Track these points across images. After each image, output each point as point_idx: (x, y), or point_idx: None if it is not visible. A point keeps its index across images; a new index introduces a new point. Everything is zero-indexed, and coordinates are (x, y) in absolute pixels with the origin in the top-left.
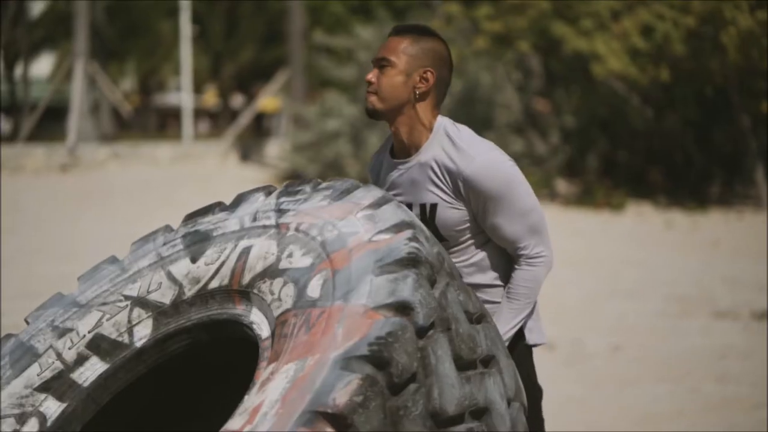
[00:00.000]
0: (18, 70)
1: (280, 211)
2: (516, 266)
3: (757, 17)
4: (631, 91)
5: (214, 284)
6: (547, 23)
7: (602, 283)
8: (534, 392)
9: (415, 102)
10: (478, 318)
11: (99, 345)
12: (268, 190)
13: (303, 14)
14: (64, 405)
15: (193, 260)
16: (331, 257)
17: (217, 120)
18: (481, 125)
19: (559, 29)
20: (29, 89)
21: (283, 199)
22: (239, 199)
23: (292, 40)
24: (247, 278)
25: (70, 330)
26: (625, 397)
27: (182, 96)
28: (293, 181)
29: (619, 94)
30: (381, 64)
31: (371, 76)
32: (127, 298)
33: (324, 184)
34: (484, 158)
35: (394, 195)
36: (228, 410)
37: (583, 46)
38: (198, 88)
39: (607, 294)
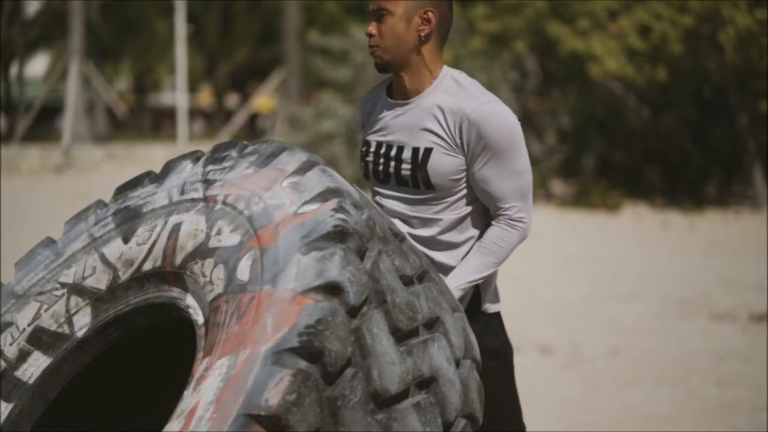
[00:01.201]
0: (13, 70)
1: (207, 182)
2: (494, 223)
3: (756, 16)
4: (628, 91)
5: (147, 266)
6: (543, 23)
7: (599, 284)
8: (505, 352)
9: (420, 46)
10: (420, 276)
11: (40, 338)
12: (195, 156)
13: (298, 14)
14: (11, 406)
15: (125, 240)
16: (259, 234)
17: (211, 120)
18: None
19: (555, 29)
20: (24, 89)
21: (209, 168)
22: (167, 169)
23: (287, 40)
24: (179, 259)
25: (10, 324)
26: (625, 399)
27: (177, 96)
28: (220, 145)
29: (616, 94)
30: (379, 14)
31: (371, 28)
32: (63, 285)
33: (250, 148)
34: (493, 106)
35: (386, 136)
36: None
37: (579, 46)
38: (193, 88)
39: (604, 295)
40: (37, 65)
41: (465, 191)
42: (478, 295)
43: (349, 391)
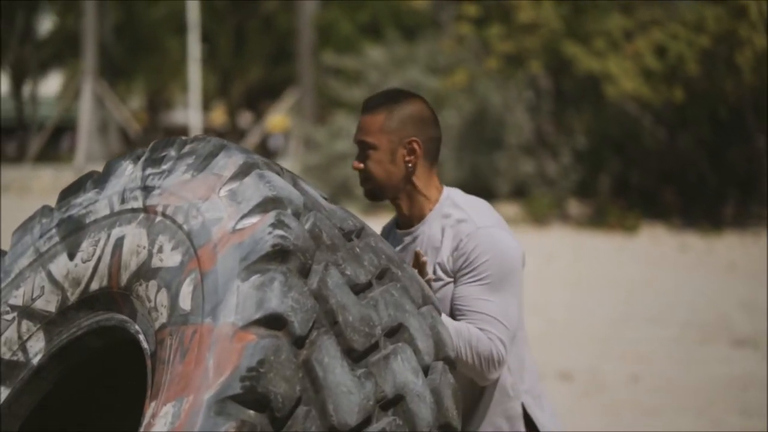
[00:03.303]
0: (26, 90)
1: (146, 190)
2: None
3: None
4: (644, 111)
5: (94, 286)
6: (558, 43)
7: (618, 308)
8: None
9: (410, 176)
10: (381, 275)
11: None
12: (136, 156)
13: (312, 34)
14: None
15: (71, 256)
16: (199, 254)
17: (225, 139)
18: (492, 146)
19: (570, 49)
20: (37, 108)
21: (148, 172)
22: (108, 171)
23: (301, 59)
24: (124, 279)
25: None
26: (647, 429)
27: (190, 115)
28: (158, 143)
29: (632, 114)
30: (363, 147)
31: (357, 163)
32: (13, 308)
33: (187, 148)
34: (492, 231)
35: None
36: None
37: (595, 66)
38: (206, 106)
39: (623, 320)
40: (51, 85)
41: None
42: (530, 422)
43: None
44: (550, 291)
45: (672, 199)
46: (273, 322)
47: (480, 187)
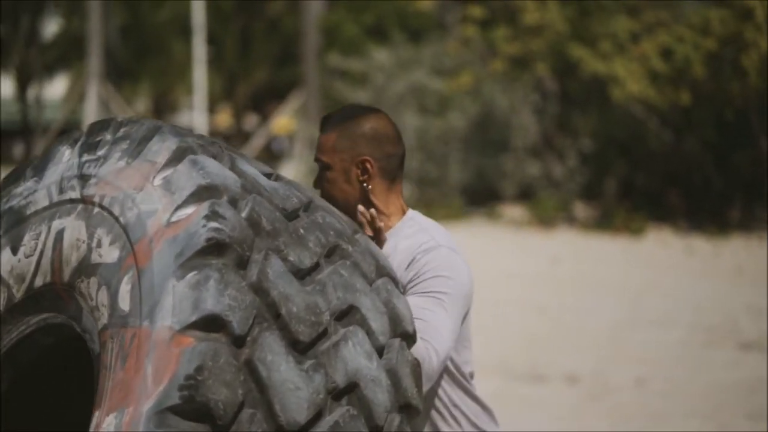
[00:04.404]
0: (31, 92)
1: (83, 178)
2: None
3: None
4: (650, 113)
5: (38, 282)
6: (564, 45)
7: (624, 311)
8: None
9: (367, 195)
10: (329, 253)
11: None
12: (73, 140)
13: (317, 36)
14: None
15: (14, 251)
16: (135, 249)
17: (230, 141)
18: (498, 148)
19: (576, 51)
20: (42, 111)
21: (84, 158)
22: (46, 158)
23: (306, 61)
24: (66, 274)
25: None
26: None
27: (195, 117)
28: (95, 125)
29: (638, 117)
30: (319, 167)
31: (315, 184)
32: None
33: (122, 131)
34: (450, 252)
35: None
36: None
37: (601, 68)
38: (211, 109)
39: (629, 322)
40: (56, 87)
41: None
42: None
43: None
44: (555, 293)
45: (678, 201)
46: (210, 323)
47: (486, 189)
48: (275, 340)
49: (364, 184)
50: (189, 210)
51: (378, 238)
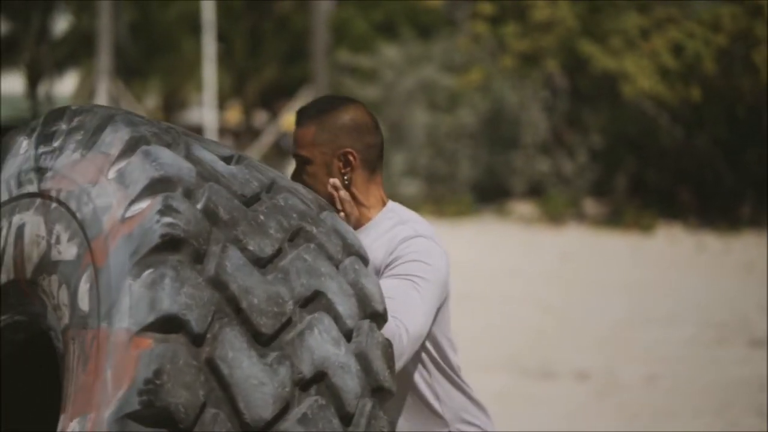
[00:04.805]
0: (42, 89)
1: (39, 171)
2: None
3: None
4: (661, 110)
5: (3, 278)
6: (574, 41)
7: (634, 308)
8: None
9: (348, 187)
10: (293, 237)
11: None
12: (30, 129)
13: (327, 33)
14: None
15: None
16: (92, 247)
17: (240, 138)
18: (508, 145)
19: (587, 48)
20: (52, 108)
21: (41, 150)
22: (4, 149)
23: (315, 58)
24: (29, 271)
25: None
26: (663, 430)
27: (204, 114)
28: (51, 114)
29: (648, 113)
30: (298, 161)
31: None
32: None
33: (76, 121)
34: (430, 242)
35: None
36: None
37: (611, 64)
38: (221, 105)
39: (639, 320)
40: (66, 85)
41: None
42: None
43: None
44: (565, 291)
45: (688, 198)
46: (167, 324)
47: (495, 186)
48: (236, 336)
49: (345, 177)
50: (143, 204)
51: (344, 209)
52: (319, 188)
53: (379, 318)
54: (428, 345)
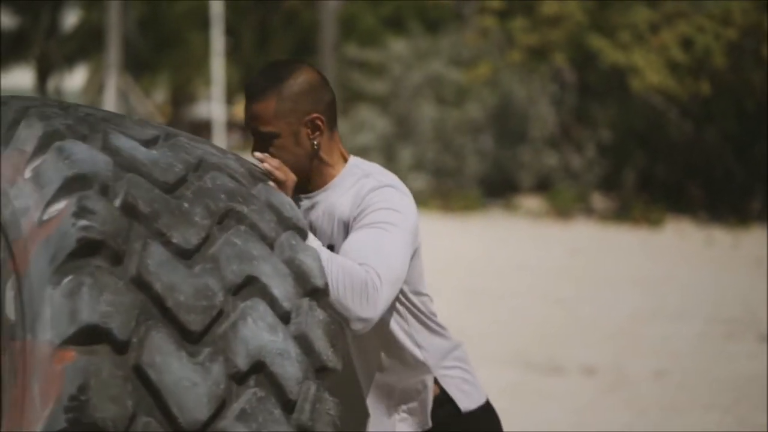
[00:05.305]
0: (51, 84)
1: None
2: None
3: None
4: (670, 104)
5: None
6: (583, 36)
7: (643, 303)
8: None
9: (318, 152)
10: (221, 219)
11: None
12: None
13: (335, 27)
14: None
15: None
16: (14, 252)
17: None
18: (516, 139)
19: (595, 42)
20: None
21: None
22: None
23: (323, 53)
24: None
25: None
26: (672, 426)
27: (213, 108)
28: None
29: (657, 107)
30: (261, 138)
31: (259, 154)
32: None
33: None
34: (395, 191)
35: None
36: None
37: (620, 59)
38: (229, 100)
39: (648, 315)
40: (75, 79)
41: None
42: (450, 400)
43: None
44: (573, 285)
45: (698, 193)
46: (89, 335)
47: (503, 180)
48: (164, 338)
49: (314, 142)
50: (59, 206)
51: (284, 191)
52: (289, 159)
53: (319, 294)
54: (402, 296)
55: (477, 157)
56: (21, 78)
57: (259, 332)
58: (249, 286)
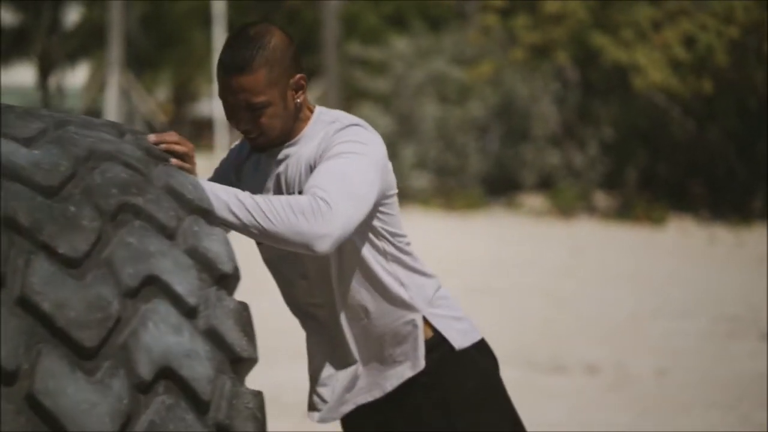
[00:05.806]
0: (53, 81)
1: None
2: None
3: None
4: (672, 102)
5: None
6: (585, 34)
7: (645, 301)
8: (490, 379)
9: (299, 110)
10: (114, 216)
11: None
12: None
13: (337, 25)
14: None
15: None
16: None
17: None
18: (518, 137)
19: (598, 40)
20: (63, 100)
21: None
22: None
23: (326, 51)
24: None
25: None
26: (674, 425)
27: (215, 107)
28: None
29: (660, 105)
30: (252, 109)
31: (247, 125)
32: None
33: None
34: (361, 129)
35: (264, 185)
36: None
37: (622, 57)
38: None
39: (651, 314)
40: (77, 76)
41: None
42: (443, 339)
43: None
44: (576, 284)
45: (700, 191)
46: None
47: (506, 179)
48: (56, 361)
49: (298, 101)
50: None
51: (189, 163)
52: (279, 125)
53: (228, 280)
54: (379, 234)
55: (479, 155)
56: (23, 75)
57: (161, 336)
58: (148, 287)
